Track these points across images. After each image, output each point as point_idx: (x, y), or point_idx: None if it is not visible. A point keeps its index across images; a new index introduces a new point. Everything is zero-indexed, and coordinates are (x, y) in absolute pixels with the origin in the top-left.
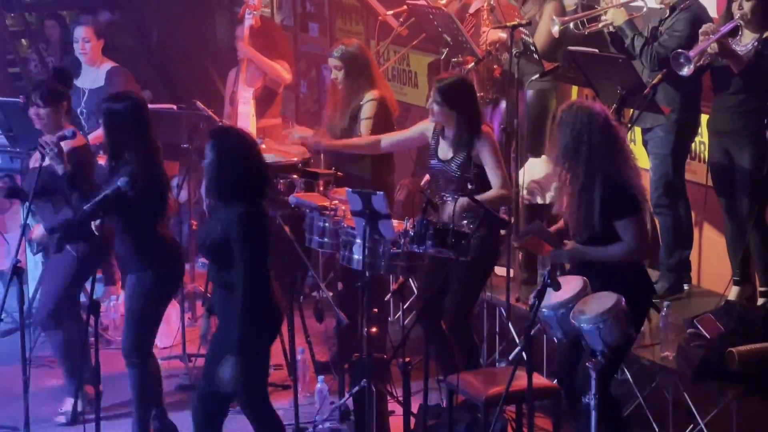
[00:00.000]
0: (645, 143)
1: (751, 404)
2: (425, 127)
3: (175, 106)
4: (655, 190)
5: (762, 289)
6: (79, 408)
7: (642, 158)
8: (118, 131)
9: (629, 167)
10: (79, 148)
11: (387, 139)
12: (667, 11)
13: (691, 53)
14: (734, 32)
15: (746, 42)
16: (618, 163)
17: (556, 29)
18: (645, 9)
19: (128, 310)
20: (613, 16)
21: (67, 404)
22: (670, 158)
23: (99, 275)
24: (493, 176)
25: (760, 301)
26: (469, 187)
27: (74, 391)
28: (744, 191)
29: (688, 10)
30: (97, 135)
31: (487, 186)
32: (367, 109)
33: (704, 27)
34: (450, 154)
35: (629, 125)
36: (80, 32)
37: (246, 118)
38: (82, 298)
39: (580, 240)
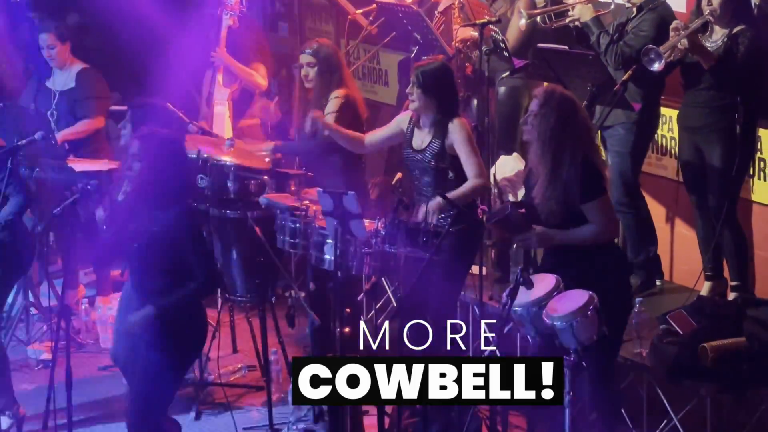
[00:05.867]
0: (603, 140)
1: (725, 400)
2: (402, 119)
3: None
4: (615, 189)
5: (733, 284)
6: (5, 426)
7: None
8: None
9: (597, 150)
10: None
11: (370, 138)
12: (634, 10)
13: (662, 48)
14: (704, 28)
15: (716, 38)
16: (593, 146)
17: (522, 22)
18: (612, 5)
19: None
20: (580, 12)
21: None
22: (629, 157)
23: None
24: (468, 165)
25: (732, 296)
26: (450, 176)
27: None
28: (715, 187)
29: (655, 11)
30: (64, 134)
31: (463, 177)
32: (332, 105)
33: (674, 23)
34: (425, 143)
35: (598, 124)
36: (44, 40)
37: (222, 119)
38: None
39: (549, 226)
